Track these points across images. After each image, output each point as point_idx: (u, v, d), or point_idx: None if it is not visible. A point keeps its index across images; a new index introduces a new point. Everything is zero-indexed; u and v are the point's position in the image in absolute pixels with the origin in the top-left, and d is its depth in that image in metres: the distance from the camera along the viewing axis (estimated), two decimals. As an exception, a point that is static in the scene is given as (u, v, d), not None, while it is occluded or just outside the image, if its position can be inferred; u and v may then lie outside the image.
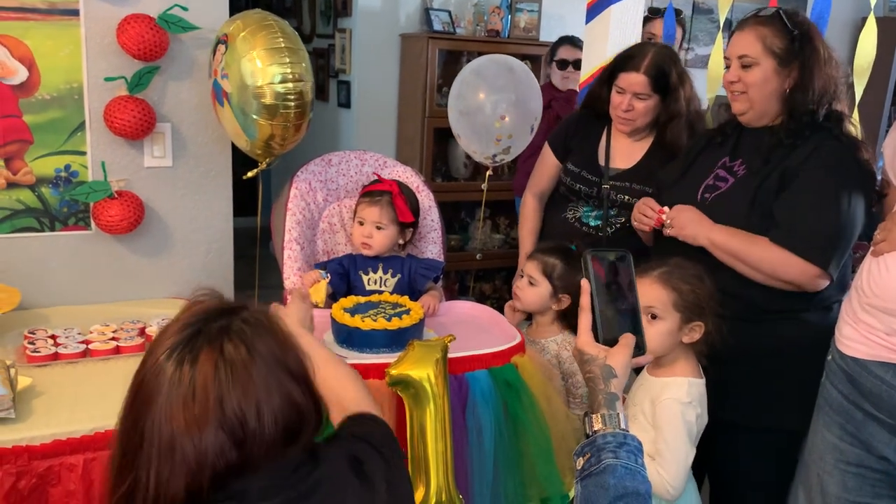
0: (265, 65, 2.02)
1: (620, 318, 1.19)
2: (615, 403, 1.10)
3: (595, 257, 1.20)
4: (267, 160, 2.25)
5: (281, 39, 2.07)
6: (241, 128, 2.11)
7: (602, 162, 2.34)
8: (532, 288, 2.11)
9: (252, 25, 2.08)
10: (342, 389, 1.35)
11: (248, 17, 2.13)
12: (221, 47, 2.12)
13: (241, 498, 0.97)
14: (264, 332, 1.02)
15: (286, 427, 0.99)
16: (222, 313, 1.02)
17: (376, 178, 2.17)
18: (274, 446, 0.98)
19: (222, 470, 0.96)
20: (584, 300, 1.19)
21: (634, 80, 2.23)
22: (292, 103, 2.05)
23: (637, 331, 1.19)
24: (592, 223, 2.37)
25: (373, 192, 2.08)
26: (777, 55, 1.82)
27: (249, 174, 2.33)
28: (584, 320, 1.18)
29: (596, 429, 1.08)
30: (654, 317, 1.67)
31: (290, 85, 2.04)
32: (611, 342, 1.16)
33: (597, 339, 1.17)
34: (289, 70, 2.04)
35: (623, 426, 1.08)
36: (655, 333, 1.65)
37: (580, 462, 1.07)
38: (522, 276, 2.15)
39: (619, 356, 1.14)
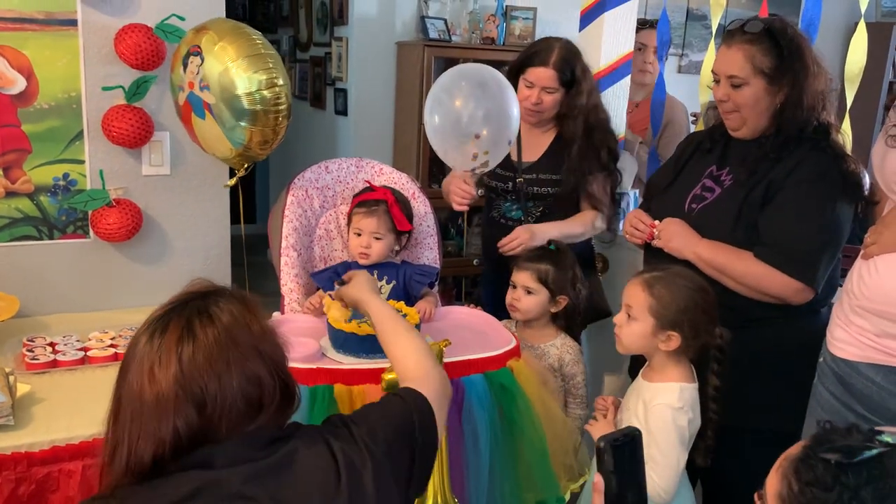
0: (251, 72, 2.01)
1: None
2: None
3: (609, 446, 1.12)
4: (245, 166, 2.24)
5: (260, 45, 2.08)
6: (227, 137, 2.09)
7: (515, 157, 2.44)
8: (530, 297, 2.14)
9: (227, 35, 2.05)
10: (402, 362, 1.40)
11: (218, 27, 2.09)
12: (195, 59, 2.07)
13: (207, 464, 1.04)
14: (236, 312, 1.11)
15: (248, 400, 1.07)
16: (201, 296, 1.12)
17: (367, 185, 2.18)
18: (237, 416, 1.06)
19: (185, 434, 1.03)
20: (598, 500, 1.13)
21: (543, 75, 2.34)
22: (279, 107, 2.07)
23: None
24: (514, 216, 2.47)
25: (367, 201, 2.08)
26: (766, 74, 1.81)
27: (230, 182, 2.33)
28: None
29: None
30: (629, 316, 1.70)
31: (276, 89, 2.05)
32: None
33: None
34: (274, 75, 2.05)
35: None
36: (630, 333, 1.70)
37: None
38: (515, 288, 2.17)
39: None
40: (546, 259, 2.16)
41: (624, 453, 1.14)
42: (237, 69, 2.01)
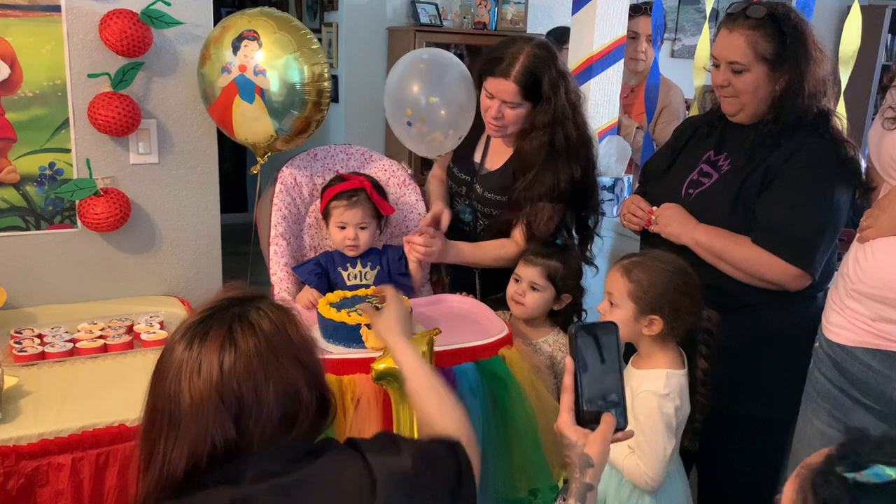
0: (310, 63, 2.14)
1: (603, 394, 1.20)
2: (587, 495, 1.11)
3: (582, 331, 1.20)
4: (267, 154, 2.28)
5: (313, 40, 2.21)
6: (273, 123, 2.15)
7: (478, 159, 2.26)
8: (536, 293, 2.04)
9: (284, 25, 2.15)
10: (431, 412, 1.30)
11: (272, 15, 2.19)
12: (251, 43, 2.11)
13: (235, 480, 1.02)
14: (276, 320, 1.08)
15: (283, 412, 1.05)
16: (240, 301, 1.09)
17: (337, 175, 2.13)
18: (270, 429, 1.04)
19: (220, 444, 1.01)
20: (567, 380, 1.19)
21: (503, 88, 2.03)
22: (324, 100, 2.21)
23: (619, 406, 1.21)
24: (466, 218, 2.30)
25: (344, 192, 2.03)
26: (769, 61, 1.79)
27: (254, 169, 2.35)
28: (566, 400, 1.19)
29: None
30: (612, 304, 1.69)
31: (327, 83, 2.20)
32: (593, 421, 1.17)
33: (578, 418, 1.18)
34: (326, 70, 2.20)
35: None
36: (612, 320, 1.65)
37: None
38: (519, 282, 2.07)
39: (596, 443, 1.15)
40: (555, 255, 2.06)
41: (590, 342, 1.20)
42: (299, 59, 2.12)
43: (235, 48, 2.12)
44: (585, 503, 1.11)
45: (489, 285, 2.20)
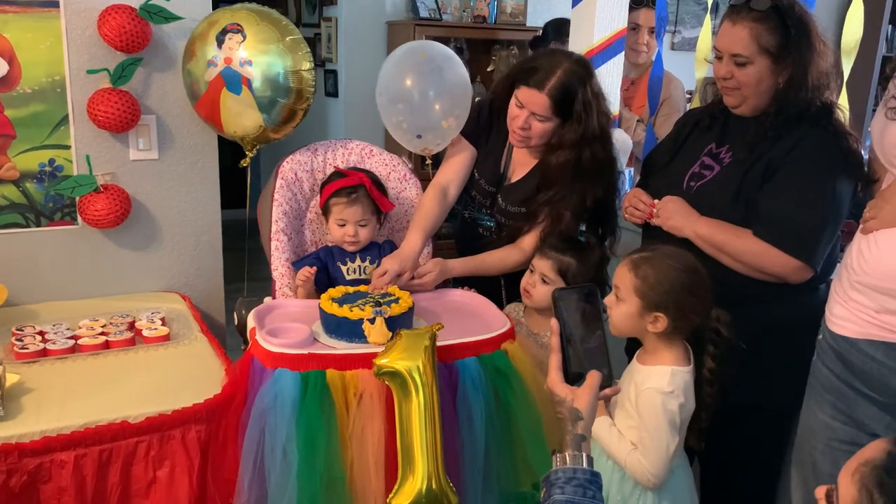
0: (295, 53, 2.20)
1: (589, 353, 1.30)
2: (581, 444, 1.20)
3: (563, 296, 1.32)
4: (256, 147, 2.29)
5: (295, 30, 2.26)
6: (262, 113, 2.18)
7: (501, 170, 2.22)
8: (546, 286, 2.03)
9: (265, 17, 2.20)
10: None
11: (253, 9, 2.22)
12: (236, 36, 2.14)
13: None
14: None
15: None
16: None
17: (336, 171, 2.12)
18: None
19: None
20: (554, 340, 1.29)
21: (535, 100, 1.99)
22: (310, 89, 2.27)
23: (604, 364, 1.30)
24: (487, 223, 2.27)
25: (344, 189, 2.02)
26: (772, 53, 1.78)
27: (244, 162, 2.36)
28: (554, 360, 1.29)
29: (557, 466, 1.19)
30: (617, 298, 1.67)
31: (312, 73, 2.26)
32: (579, 379, 1.27)
33: (566, 377, 1.27)
34: (310, 60, 2.26)
35: (587, 466, 1.18)
36: (618, 314, 1.67)
37: (542, 494, 1.19)
38: (532, 272, 2.06)
39: (584, 397, 1.25)
40: (571, 251, 2.04)
41: (572, 304, 1.33)
42: (284, 48, 2.18)
43: (220, 42, 2.15)
44: (581, 450, 1.20)
45: (515, 297, 2.18)
